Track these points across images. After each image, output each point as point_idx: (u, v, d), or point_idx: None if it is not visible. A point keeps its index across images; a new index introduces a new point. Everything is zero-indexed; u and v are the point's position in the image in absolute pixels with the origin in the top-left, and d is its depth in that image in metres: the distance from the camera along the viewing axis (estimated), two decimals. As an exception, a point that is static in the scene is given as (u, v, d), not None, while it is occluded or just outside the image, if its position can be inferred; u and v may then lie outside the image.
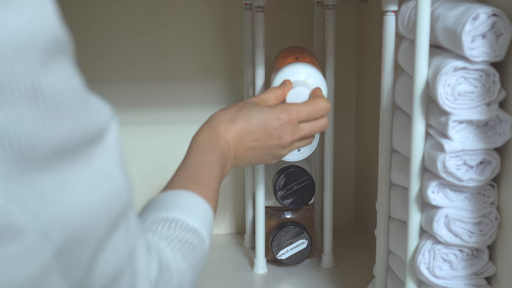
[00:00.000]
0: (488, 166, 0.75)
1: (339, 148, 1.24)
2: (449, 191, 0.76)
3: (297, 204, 1.15)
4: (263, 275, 1.16)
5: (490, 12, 0.72)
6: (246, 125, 0.86)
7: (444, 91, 0.74)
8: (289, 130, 0.89)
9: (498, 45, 0.72)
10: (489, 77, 0.73)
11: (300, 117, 0.89)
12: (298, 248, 1.14)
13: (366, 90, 1.28)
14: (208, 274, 1.17)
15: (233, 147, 0.85)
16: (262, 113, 0.88)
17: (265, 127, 0.87)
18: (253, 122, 0.87)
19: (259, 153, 0.88)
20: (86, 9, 1.21)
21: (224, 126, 0.85)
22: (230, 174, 1.30)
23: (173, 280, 0.60)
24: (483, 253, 0.78)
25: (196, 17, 1.26)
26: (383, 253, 0.91)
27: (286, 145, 0.89)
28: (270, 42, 1.21)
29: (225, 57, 1.28)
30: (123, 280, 0.53)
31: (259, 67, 1.10)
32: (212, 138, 0.83)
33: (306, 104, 0.91)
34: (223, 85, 1.28)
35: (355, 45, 1.31)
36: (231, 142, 0.85)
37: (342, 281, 1.13)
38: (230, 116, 0.87)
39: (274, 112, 0.88)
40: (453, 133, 0.74)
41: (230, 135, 0.85)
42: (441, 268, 0.78)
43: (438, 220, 0.76)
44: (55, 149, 0.44)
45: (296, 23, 1.28)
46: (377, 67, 0.90)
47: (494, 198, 0.76)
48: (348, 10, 1.28)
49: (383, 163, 0.90)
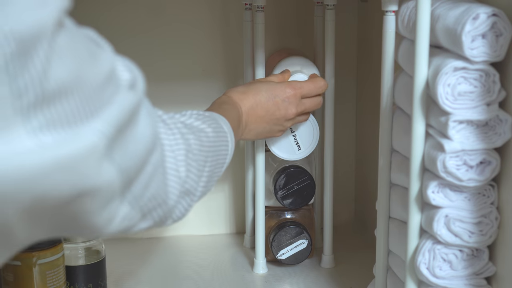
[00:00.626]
0: (488, 166, 0.75)
1: (339, 148, 1.24)
2: (449, 191, 0.76)
3: (297, 204, 1.15)
4: (263, 275, 1.16)
5: (490, 12, 0.72)
6: (257, 96, 0.98)
7: (444, 91, 0.74)
8: (294, 103, 1.00)
9: (498, 45, 0.72)
10: (489, 77, 0.73)
11: (302, 92, 1.02)
12: (298, 248, 1.14)
13: (366, 90, 1.28)
14: (208, 274, 1.17)
15: (245, 114, 0.96)
16: (270, 86, 0.99)
17: (273, 99, 0.98)
18: (263, 94, 0.98)
19: (268, 124, 0.99)
20: (86, 9, 1.21)
21: (237, 96, 0.96)
22: (230, 174, 1.30)
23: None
24: (483, 253, 0.78)
25: (196, 17, 1.26)
26: (383, 253, 0.91)
27: (291, 117, 1.01)
28: (270, 42, 1.22)
29: (225, 57, 1.28)
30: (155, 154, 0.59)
31: (259, 67, 1.10)
32: (229, 102, 0.94)
33: (307, 81, 1.04)
34: (223, 85, 1.28)
35: (355, 45, 1.31)
36: (244, 109, 0.96)
37: (342, 281, 1.13)
38: (243, 88, 0.98)
39: (281, 86, 1.00)
40: (453, 133, 0.74)
41: (244, 103, 0.96)
42: (441, 268, 0.78)
43: (438, 220, 0.76)
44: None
45: (296, 23, 1.28)
46: (377, 67, 0.90)
47: (494, 198, 0.76)
48: (348, 10, 1.28)
49: (383, 163, 0.90)
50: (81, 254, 0.99)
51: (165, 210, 0.64)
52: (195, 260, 1.22)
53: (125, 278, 1.14)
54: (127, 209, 0.57)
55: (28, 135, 0.44)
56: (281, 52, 1.22)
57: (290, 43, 1.28)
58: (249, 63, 1.17)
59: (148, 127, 0.57)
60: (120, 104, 0.51)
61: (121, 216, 0.57)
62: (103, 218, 0.54)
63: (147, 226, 0.63)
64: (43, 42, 0.44)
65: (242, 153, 1.24)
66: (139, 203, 0.59)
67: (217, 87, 1.28)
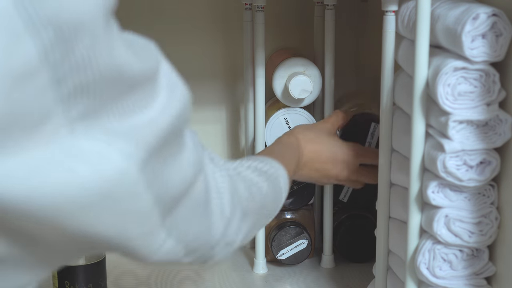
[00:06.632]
0: (488, 166, 0.75)
1: (339, 148, 1.24)
2: (449, 191, 0.76)
3: (297, 204, 1.15)
4: (263, 275, 1.16)
5: (490, 12, 0.72)
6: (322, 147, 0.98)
7: (444, 91, 0.74)
8: (349, 169, 0.99)
9: (498, 45, 0.72)
10: (489, 77, 0.73)
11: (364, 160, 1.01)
12: (298, 248, 1.14)
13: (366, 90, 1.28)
14: (208, 274, 1.17)
15: (303, 160, 0.95)
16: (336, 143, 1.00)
17: (334, 157, 0.98)
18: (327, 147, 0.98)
19: (318, 175, 0.98)
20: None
21: (304, 140, 0.96)
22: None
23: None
24: (483, 253, 0.78)
25: (196, 17, 1.26)
26: (383, 253, 0.91)
27: (341, 179, 1.00)
28: (270, 42, 1.22)
29: (225, 57, 1.28)
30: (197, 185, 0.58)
31: (259, 67, 1.10)
32: (293, 142, 0.95)
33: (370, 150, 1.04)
34: (223, 85, 1.28)
35: (355, 45, 1.31)
36: (305, 156, 0.95)
37: (342, 281, 1.13)
38: (311, 136, 0.98)
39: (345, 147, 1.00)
40: (453, 133, 0.74)
41: (307, 150, 0.96)
42: (441, 268, 0.78)
43: (438, 220, 0.76)
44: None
45: (296, 23, 1.28)
46: (377, 67, 0.90)
47: (494, 198, 0.76)
48: (348, 10, 1.28)
49: (383, 163, 0.90)
50: (81, 254, 0.99)
51: (208, 249, 0.63)
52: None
53: (125, 278, 1.14)
54: (172, 243, 0.57)
55: (67, 126, 0.44)
56: (281, 52, 1.22)
57: (290, 43, 1.28)
58: (249, 63, 1.17)
59: (193, 157, 0.56)
60: (156, 123, 0.50)
61: (166, 249, 0.56)
62: (149, 248, 0.54)
63: (190, 261, 0.63)
64: (86, 32, 0.44)
65: (242, 154, 1.24)
66: (184, 239, 0.58)
67: (217, 87, 1.28)
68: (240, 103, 1.29)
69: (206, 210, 0.61)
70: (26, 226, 0.45)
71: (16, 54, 0.41)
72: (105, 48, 0.45)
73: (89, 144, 0.45)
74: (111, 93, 0.46)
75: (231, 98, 1.29)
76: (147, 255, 0.55)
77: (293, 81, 1.08)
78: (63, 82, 0.43)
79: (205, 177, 0.61)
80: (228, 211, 0.65)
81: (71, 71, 0.43)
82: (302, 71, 1.11)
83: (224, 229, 0.64)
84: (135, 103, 0.48)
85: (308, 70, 1.11)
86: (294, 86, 1.08)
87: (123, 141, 0.47)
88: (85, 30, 0.44)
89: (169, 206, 0.54)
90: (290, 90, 1.08)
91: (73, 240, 0.48)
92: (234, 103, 1.30)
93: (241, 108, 1.30)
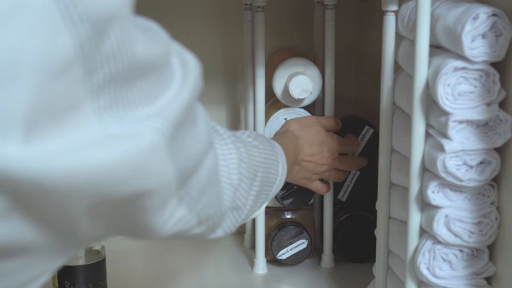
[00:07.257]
0: (488, 166, 0.75)
1: (339, 148, 1.24)
2: (449, 191, 0.76)
3: (297, 204, 1.15)
4: (263, 275, 1.16)
5: (490, 12, 0.72)
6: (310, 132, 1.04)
7: (444, 91, 0.74)
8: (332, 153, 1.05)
9: (498, 45, 0.72)
10: (489, 77, 0.73)
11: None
12: (298, 248, 1.14)
13: (366, 90, 1.28)
14: (208, 274, 1.17)
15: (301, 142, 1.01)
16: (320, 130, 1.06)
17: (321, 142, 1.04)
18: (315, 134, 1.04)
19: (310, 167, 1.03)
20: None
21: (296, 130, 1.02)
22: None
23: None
24: (483, 253, 0.78)
25: (196, 17, 1.26)
26: (383, 253, 0.91)
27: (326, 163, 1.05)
28: (270, 42, 1.22)
29: (225, 57, 1.28)
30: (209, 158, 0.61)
31: (259, 67, 1.10)
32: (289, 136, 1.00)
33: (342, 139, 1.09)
34: (223, 85, 1.28)
35: (355, 45, 1.31)
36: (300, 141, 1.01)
37: (342, 281, 1.13)
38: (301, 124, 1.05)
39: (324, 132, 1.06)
40: (453, 133, 0.74)
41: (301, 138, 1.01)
42: (441, 268, 0.78)
43: (438, 220, 0.76)
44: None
45: (296, 23, 1.28)
46: (377, 67, 0.90)
47: (494, 198, 0.76)
48: (348, 10, 1.28)
49: (383, 163, 0.90)
50: (81, 254, 0.99)
51: (219, 217, 0.65)
52: (195, 260, 1.22)
53: (125, 278, 1.14)
54: (184, 211, 0.58)
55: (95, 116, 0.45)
56: (281, 52, 1.22)
57: (290, 43, 1.28)
58: (249, 63, 1.17)
59: (205, 127, 0.58)
60: (179, 99, 0.52)
61: (177, 218, 0.57)
62: (160, 218, 0.55)
63: (200, 232, 0.64)
64: (115, 24, 0.45)
65: (242, 153, 1.24)
66: (196, 207, 0.59)
67: (217, 87, 1.28)
68: (240, 103, 1.29)
69: (215, 178, 0.63)
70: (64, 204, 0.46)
71: (55, 49, 0.42)
72: (130, 37, 0.47)
73: (121, 128, 0.47)
74: (136, 79, 0.48)
75: (231, 98, 1.29)
76: (157, 225, 0.55)
77: (293, 81, 1.08)
78: (94, 74, 0.44)
79: (214, 148, 0.64)
80: (235, 178, 0.67)
81: (102, 62, 0.45)
82: (302, 71, 1.11)
83: (233, 195, 0.67)
84: (158, 85, 0.50)
85: (308, 70, 1.12)
86: (294, 86, 1.08)
87: (152, 121, 0.49)
88: (116, 21, 0.45)
89: (186, 175, 0.55)
90: (290, 90, 1.08)
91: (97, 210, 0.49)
92: (234, 103, 1.30)
93: (241, 108, 1.30)
